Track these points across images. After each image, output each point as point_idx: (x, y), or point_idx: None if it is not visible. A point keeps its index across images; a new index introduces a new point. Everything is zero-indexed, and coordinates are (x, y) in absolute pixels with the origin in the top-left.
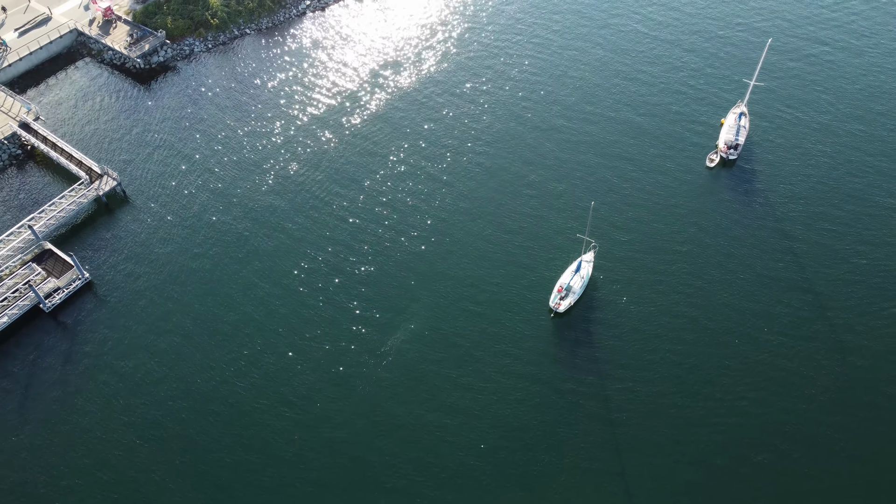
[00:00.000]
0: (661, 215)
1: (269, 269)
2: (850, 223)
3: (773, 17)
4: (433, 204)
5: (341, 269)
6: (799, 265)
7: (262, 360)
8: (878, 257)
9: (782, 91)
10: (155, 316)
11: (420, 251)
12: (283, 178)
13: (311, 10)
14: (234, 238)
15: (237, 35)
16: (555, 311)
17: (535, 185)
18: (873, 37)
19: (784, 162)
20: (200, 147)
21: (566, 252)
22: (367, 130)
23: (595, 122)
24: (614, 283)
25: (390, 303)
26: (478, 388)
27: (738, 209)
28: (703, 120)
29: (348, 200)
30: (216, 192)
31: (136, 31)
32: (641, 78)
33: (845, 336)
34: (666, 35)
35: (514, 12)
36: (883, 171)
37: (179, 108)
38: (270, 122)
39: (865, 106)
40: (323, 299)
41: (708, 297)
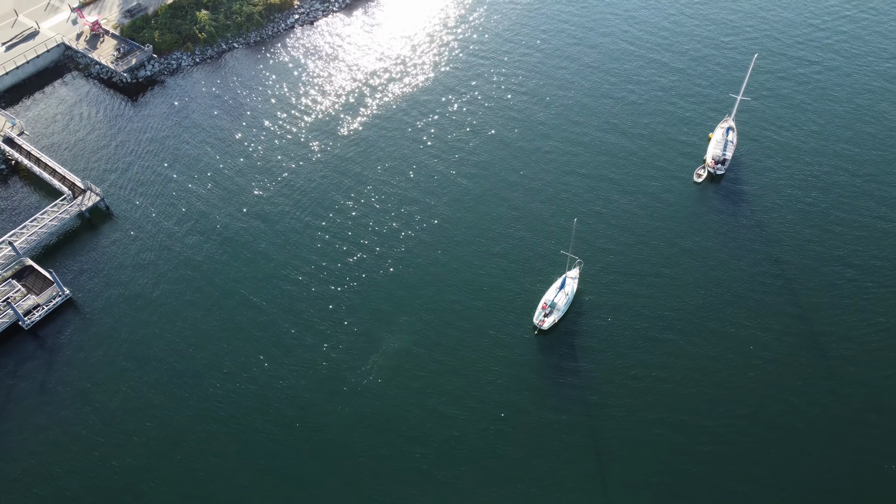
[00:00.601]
0: (648, 233)
1: (250, 291)
2: (839, 245)
3: (760, 35)
4: (416, 222)
5: (322, 291)
6: (786, 288)
7: (238, 385)
8: (867, 281)
9: (770, 106)
10: (134, 333)
11: (401, 271)
12: (266, 197)
13: (300, 25)
14: (216, 256)
15: (225, 49)
16: (539, 329)
17: (519, 203)
18: (859, 56)
19: (771, 177)
20: (185, 162)
21: (550, 269)
22: (352, 150)
23: (581, 139)
24: (599, 301)
25: (370, 326)
26: (458, 416)
27: (724, 229)
28: (691, 135)
29: (331, 222)
30: (199, 209)
31: (123, 45)
32: (628, 95)
33: (832, 362)
34: (652, 52)
35: (501, 30)
36: (870, 192)
37: (166, 123)
38: (255, 138)
39: (853, 124)
40: (303, 322)
41: (693, 319)
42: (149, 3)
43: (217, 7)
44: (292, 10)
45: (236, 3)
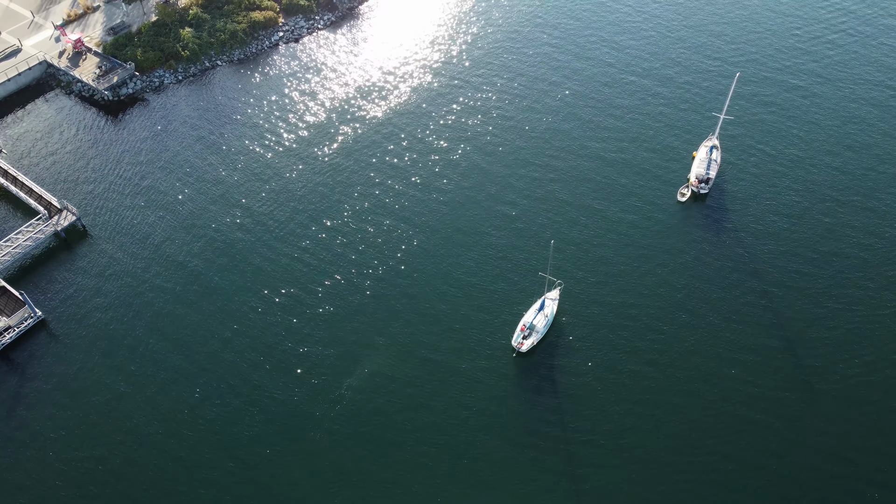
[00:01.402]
0: (631, 254)
1: (225, 311)
2: (823, 273)
3: (744, 55)
4: (393, 244)
5: (297, 310)
6: (771, 310)
7: (210, 406)
8: (852, 302)
9: (754, 126)
10: (107, 355)
11: (378, 293)
12: (245, 216)
13: (284, 42)
14: (193, 276)
15: (208, 67)
16: (517, 351)
17: (499, 224)
18: (846, 80)
19: (755, 197)
20: (165, 181)
21: (530, 291)
22: (333, 166)
23: (565, 158)
24: (579, 324)
25: (345, 348)
26: (433, 443)
27: (708, 249)
28: (675, 153)
29: (308, 239)
30: (178, 227)
31: (105, 63)
32: (612, 112)
33: (819, 385)
34: (636, 71)
35: (483, 53)
36: (856, 211)
37: (146, 141)
38: (236, 156)
39: (837, 148)
40: (277, 342)
41: (675, 342)
42: (133, 20)
43: (201, 25)
44: (277, 27)
45: (220, 21)
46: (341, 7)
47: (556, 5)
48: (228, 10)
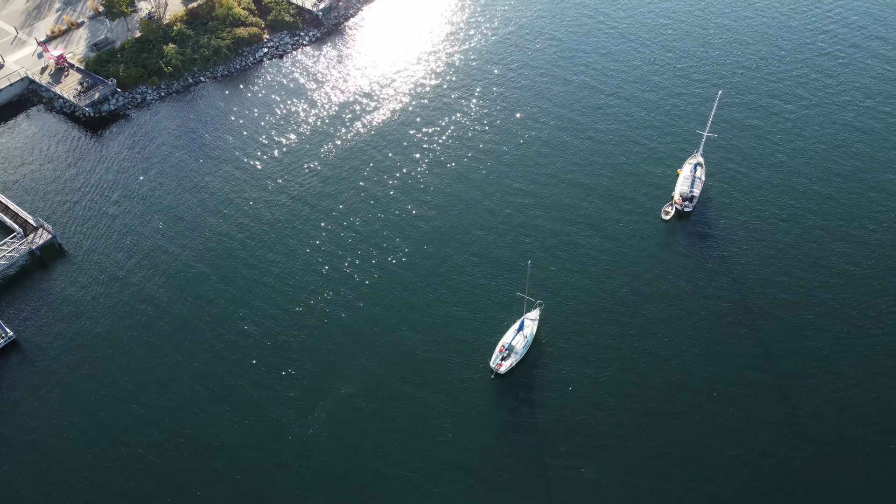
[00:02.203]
0: (614, 273)
1: (199, 336)
2: (809, 291)
3: (730, 72)
4: (372, 261)
5: (270, 336)
6: (754, 338)
7: (183, 432)
8: (838, 331)
9: (740, 143)
10: (79, 378)
11: (356, 310)
12: (222, 237)
13: (269, 58)
14: (169, 297)
15: (192, 83)
16: (495, 372)
17: (480, 244)
18: (833, 95)
19: (740, 215)
20: (143, 199)
21: (509, 311)
22: (312, 187)
23: (547, 176)
24: (560, 344)
25: (322, 370)
26: (407, 467)
27: (691, 272)
28: (660, 171)
29: (282, 262)
30: (156, 247)
31: (87, 79)
32: (595, 132)
33: (800, 420)
34: (618, 90)
35: (467, 67)
36: (841, 236)
37: (126, 157)
38: (215, 174)
39: (822, 165)
40: (248, 369)
41: (655, 371)
42: (117, 37)
43: (184, 41)
44: (261, 43)
45: (204, 37)
46: (326, 23)
47: (537, 27)
48: (213, 26)
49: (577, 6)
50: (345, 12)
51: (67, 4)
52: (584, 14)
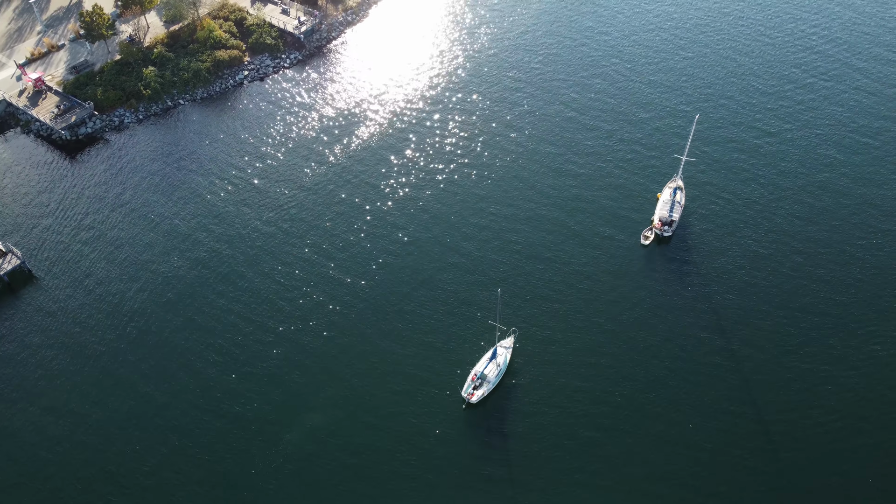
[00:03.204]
0: (591, 300)
1: (166, 363)
2: (789, 327)
3: (712, 98)
4: (344, 290)
5: (237, 365)
6: (732, 369)
7: (144, 465)
8: (818, 372)
9: (718, 168)
10: (39, 410)
11: (327, 338)
12: (193, 264)
13: (249, 81)
14: (136, 329)
15: (171, 106)
16: (467, 402)
17: (453, 272)
18: (812, 121)
19: (720, 241)
20: (117, 223)
21: (483, 339)
22: (287, 212)
23: (525, 201)
24: (534, 373)
25: (287, 399)
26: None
27: (670, 297)
28: (640, 195)
29: (253, 292)
30: (126, 275)
31: (64, 102)
32: (576, 151)
33: (778, 468)
34: (599, 112)
35: (449, 88)
36: (820, 262)
37: (101, 181)
38: (190, 199)
39: (803, 190)
40: (211, 403)
41: (631, 402)
42: (97, 59)
43: (165, 64)
44: (242, 66)
45: (184, 60)
46: (308, 46)
47: (522, 44)
48: (193, 49)
49: (555, 35)
50: (327, 35)
51: (49, 27)
52: (563, 43)
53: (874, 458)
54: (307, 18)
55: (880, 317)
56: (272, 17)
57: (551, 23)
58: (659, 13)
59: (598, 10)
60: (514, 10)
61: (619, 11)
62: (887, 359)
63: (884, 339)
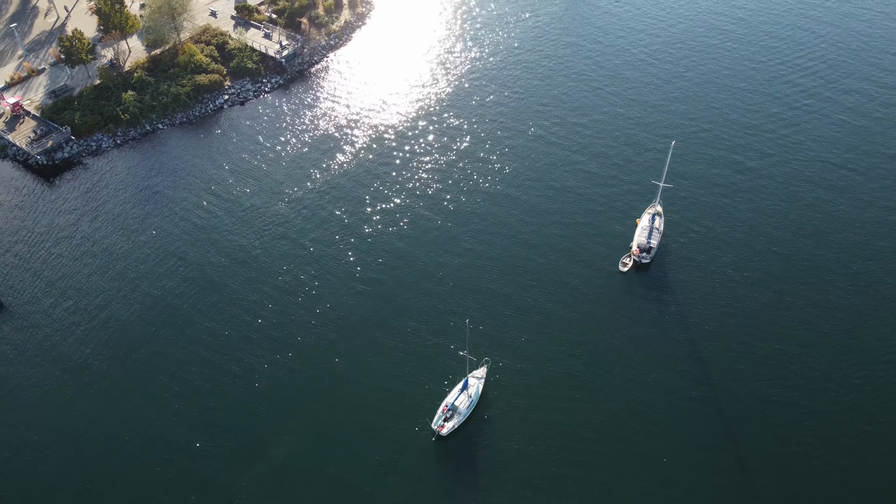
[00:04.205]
0: (567, 329)
1: (129, 395)
2: (769, 362)
3: (693, 123)
4: (314, 321)
5: (198, 398)
6: (709, 402)
7: (106, 498)
8: (798, 408)
9: (697, 194)
10: (11, 435)
11: (292, 372)
12: (165, 291)
13: (229, 106)
14: (106, 361)
15: (149, 130)
16: (437, 434)
17: (427, 298)
18: (796, 149)
19: (699, 268)
20: (88, 250)
21: (455, 370)
22: (260, 241)
23: (501, 226)
24: (507, 405)
25: (250, 432)
26: None
27: (646, 329)
28: (618, 221)
29: (223, 322)
30: (97, 305)
31: (41, 126)
32: (552, 184)
33: (759, 489)
34: (578, 142)
35: (429, 117)
36: (799, 293)
37: (75, 207)
38: (165, 225)
39: (784, 217)
40: (175, 436)
41: (607, 437)
42: (77, 84)
43: (144, 88)
44: (222, 90)
45: (164, 84)
46: (290, 70)
47: (500, 72)
48: (174, 73)
49: (534, 56)
50: (309, 59)
51: (30, 51)
52: (544, 66)
53: (854, 492)
54: (289, 43)
55: (860, 349)
56: (254, 42)
57: (530, 51)
58: (640, 43)
59: (577, 41)
60: (496, 35)
61: (599, 39)
62: (868, 392)
63: (864, 372)
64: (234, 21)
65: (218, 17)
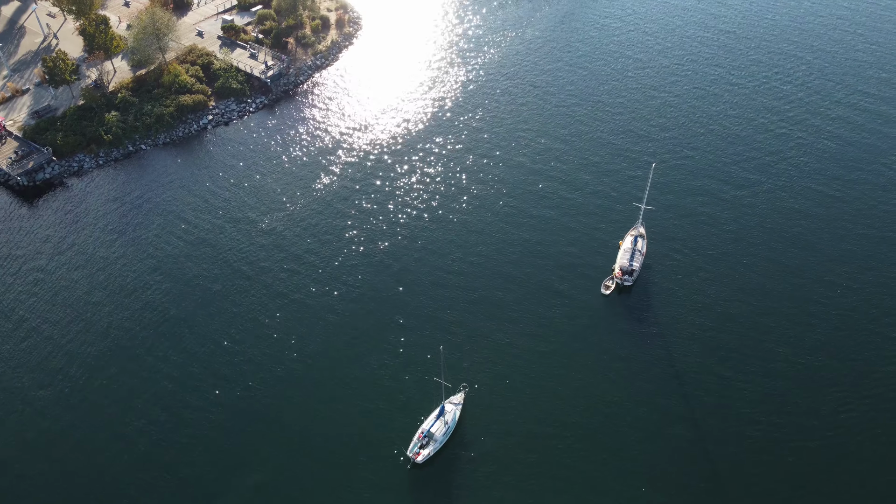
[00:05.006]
0: (548, 353)
1: (92, 420)
2: (751, 385)
3: (675, 144)
4: (286, 346)
5: (165, 428)
6: (690, 428)
7: None
8: (776, 428)
9: (680, 216)
10: None
11: (266, 397)
12: (134, 316)
13: (213, 126)
14: (66, 378)
15: (132, 151)
16: (413, 462)
17: (404, 322)
18: (780, 173)
19: (681, 290)
20: (64, 272)
21: (433, 396)
22: (237, 266)
23: (483, 248)
24: (485, 431)
25: (222, 469)
26: None
27: (628, 354)
28: (601, 242)
29: (187, 352)
30: (60, 328)
31: (23, 147)
32: (534, 215)
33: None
34: (556, 169)
35: (412, 140)
36: (781, 317)
37: (56, 228)
38: (139, 248)
39: (766, 241)
40: (148, 469)
41: (585, 469)
42: (60, 104)
43: (128, 108)
44: (206, 111)
45: (148, 105)
46: (275, 90)
47: (481, 100)
48: (158, 93)
49: (518, 78)
50: (294, 79)
51: (15, 71)
52: (528, 89)
53: None
54: (274, 63)
55: (847, 378)
56: (239, 62)
57: (514, 74)
58: (627, 62)
59: (561, 63)
60: (481, 58)
61: (586, 55)
62: (853, 426)
63: (849, 402)
64: (220, 41)
65: (204, 38)
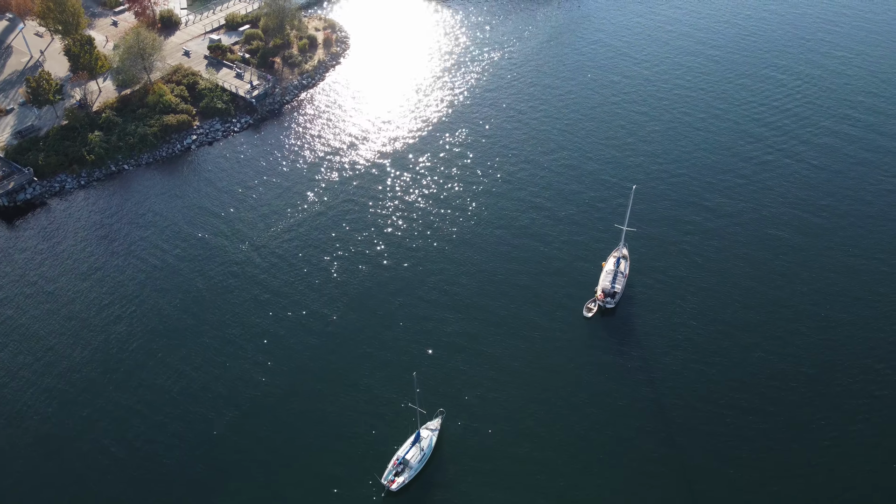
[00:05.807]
0: (527, 380)
1: (65, 451)
2: (733, 423)
3: (649, 170)
4: (261, 371)
5: (138, 458)
6: (672, 456)
7: None
8: (759, 465)
9: (663, 237)
10: None
11: (239, 428)
12: (108, 342)
13: (197, 146)
14: (51, 420)
15: (115, 171)
16: (387, 490)
17: (382, 347)
18: (765, 197)
19: (664, 312)
20: (43, 291)
21: (409, 423)
22: (214, 294)
23: (469, 265)
24: (462, 458)
25: (192, 497)
26: None
27: (610, 379)
28: (585, 262)
29: (156, 385)
30: (46, 353)
31: (3, 167)
32: (517, 226)
33: None
34: (540, 189)
35: (397, 160)
36: (763, 336)
37: (34, 250)
38: (123, 272)
39: (751, 263)
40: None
41: (566, 494)
42: (44, 124)
43: (111, 128)
44: (190, 131)
45: (131, 125)
46: (261, 110)
47: (467, 118)
48: (142, 113)
49: (503, 98)
50: (280, 99)
51: (0, 91)
52: (514, 108)
53: None
54: (260, 82)
55: (830, 411)
56: (225, 81)
57: (500, 94)
58: (610, 86)
59: (548, 82)
60: (467, 76)
61: (571, 78)
62: (838, 459)
63: (835, 433)
64: (206, 60)
65: (191, 57)
